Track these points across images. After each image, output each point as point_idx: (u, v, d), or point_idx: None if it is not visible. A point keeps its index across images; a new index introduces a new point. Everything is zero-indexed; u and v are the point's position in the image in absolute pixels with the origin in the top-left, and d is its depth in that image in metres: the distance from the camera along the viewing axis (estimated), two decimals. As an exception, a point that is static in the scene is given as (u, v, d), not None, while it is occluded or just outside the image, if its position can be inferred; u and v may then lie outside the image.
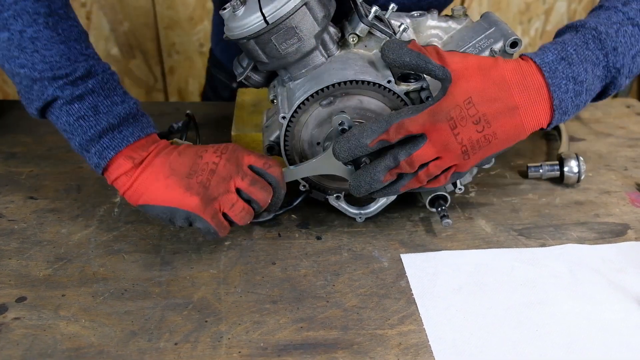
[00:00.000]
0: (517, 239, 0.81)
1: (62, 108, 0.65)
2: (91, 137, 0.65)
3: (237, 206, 0.69)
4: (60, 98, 0.64)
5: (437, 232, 0.82)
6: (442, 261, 0.76)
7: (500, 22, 0.79)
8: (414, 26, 0.81)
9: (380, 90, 0.70)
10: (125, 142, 0.66)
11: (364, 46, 0.75)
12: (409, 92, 0.71)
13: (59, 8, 0.64)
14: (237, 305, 0.67)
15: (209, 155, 0.69)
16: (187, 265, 0.73)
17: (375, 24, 0.72)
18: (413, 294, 0.70)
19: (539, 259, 0.77)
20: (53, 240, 0.76)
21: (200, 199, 0.66)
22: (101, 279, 0.70)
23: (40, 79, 0.64)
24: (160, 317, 0.65)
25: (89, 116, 0.65)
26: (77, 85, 0.64)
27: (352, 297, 0.69)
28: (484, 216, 0.85)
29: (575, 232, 0.83)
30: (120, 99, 0.67)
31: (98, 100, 0.65)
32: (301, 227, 0.81)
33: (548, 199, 0.90)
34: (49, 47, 0.63)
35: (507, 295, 0.71)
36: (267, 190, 0.71)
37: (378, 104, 0.71)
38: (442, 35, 0.82)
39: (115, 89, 0.67)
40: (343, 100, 0.70)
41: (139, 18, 1.88)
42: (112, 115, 0.65)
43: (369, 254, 0.77)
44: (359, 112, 0.71)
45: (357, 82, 0.69)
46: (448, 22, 0.82)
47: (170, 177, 0.66)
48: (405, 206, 0.86)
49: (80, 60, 0.64)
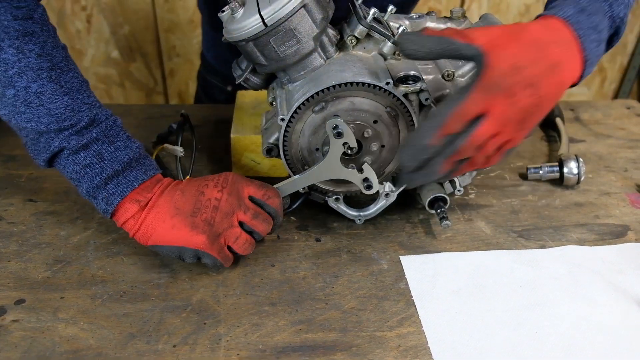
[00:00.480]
0: (517, 241, 0.81)
1: (68, 158, 0.66)
2: (97, 185, 0.66)
3: (240, 239, 0.70)
4: (67, 148, 0.65)
5: (437, 233, 0.81)
6: (442, 263, 0.76)
7: (498, 23, 0.79)
8: (413, 28, 0.81)
9: (375, 91, 0.69)
10: (130, 187, 0.67)
11: (362, 48, 0.75)
12: (407, 93, 0.71)
13: (59, 61, 0.66)
14: (235, 307, 0.67)
15: (210, 190, 0.69)
16: (186, 267, 0.73)
17: (373, 25, 0.72)
18: (412, 296, 0.70)
19: (539, 261, 0.77)
20: (52, 243, 0.76)
21: (207, 237, 0.67)
22: (100, 281, 0.70)
23: (47, 131, 0.64)
24: (158, 320, 0.65)
25: (95, 164, 0.66)
26: (82, 135, 0.65)
27: (351, 299, 0.69)
28: (484, 218, 0.85)
29: (575, 234, 0.82)
30: (124, 144, 0.68)
31: (102, 148, 0.66)
32: (300, 229, 0.81)
33: (548, 200, 0.90)
34: (53, 100, 0.64)
35: (507, 297, 0.71)
36: (268, 222, 0.72)
37: (371, 103, 0.71)
38: (441, 37, 0.82)
39: (119, 134, 0.68)
40: (335, 104, 0.70)
41: (139, 21, 1.88)
42: (117, 162, 0.66)
43: (368, 256, 0.77)
44: (352, 114, 0.71)
45: (356, 84, 0.69)
46: (447, 24, 0.82)
47: (175, 216, 0.67)
48: (405, 208, 0.86)
49: (83, 110, 0.66)
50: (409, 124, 0.73)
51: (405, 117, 0.73)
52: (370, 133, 0.72)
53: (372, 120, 0.72)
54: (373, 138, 0.73)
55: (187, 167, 0.90)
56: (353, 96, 0.70)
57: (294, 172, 0.76)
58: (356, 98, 0.70)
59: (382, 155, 0.75)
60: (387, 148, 0.75)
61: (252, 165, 0.92)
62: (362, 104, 0.71)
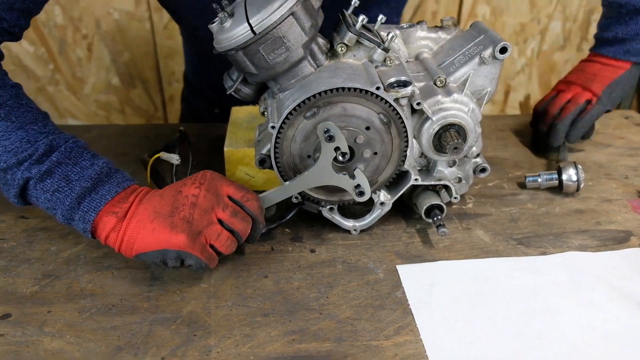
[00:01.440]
0: (517, 248, 0.79)
1: (36, 187, 0.66)
2: (70, 206, 0.66)
3: (222, 236, 0.68)
4: (31, 178, 0.66)
5: (434, 242, 0.80)
6: (440, 271, 0.74)
7: (489, 30, 0.79)
8: (404, 37, 0.82)
9: (366, 96, 0.69)
10: (104, 201, 0.66)
11: (352, 56, 0.75)
12: (398, 98, 0.71)
13: (7, 99, 0.68)
14: (227, 318, 0.65)
15: (188, 188, 0.68)
16: (177, 279, 0.71)
17: (362, 32, 0.72)
18: (409, 305, 0.68)
19: (539, 267, 0.75)
20: (42, 258, 0.75)
21: (187, 236, 0.65)
22: (89, 295, 0.68)
23: (8, 167, 0.66)
24: (147, 332, 0.63)
25: (63, 187, 0.66)
26: (42, 162, 0.66)
27: (346, 309, 0.67)
28: (482, 226, 0.83)
29: (577, 240, 0.80)
30: (89, 163, 0.68)
31: (67, 170, 0.66)
32: (295, 240, 0.80)
33: (547, 208, 0.88)
34: (7, 136, 0.66)
35: (507, 304, 0.68)
36: (247, 221, 0.70)
37: (362, 109, 0.70)
38: (432, 46, 0.83)
39: (82, 154, 0.68)
40: (326, 109, 0.70)
41: (140, 48, 1.91)
42: (84, 179, 0.66)
43: (364, 266, 0.75)
44: (344, 120, 0.70)
45: (347, 90, 0.68)
46: (438, 33, 0.83)
47: (155, 220, 0.66)
48: (401, 218, 0.85)
49: (40, 139, 0.66)
50: (401, 130, 0.72)
51: (397, 124, 0.72)
52: (362, 139, 0.71)
53: (364, 127, 0.71)
54: (365, 145, 0.72)
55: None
56: (344, 102, 0.70)
57: (286, 181, 0.75)
58: (348, 104, 0.70)
59: (375, 162, 0.74)
60: (380, 155, 0.74)
61: (247, 179, 0.91)
62: (354, 109, 0.70)
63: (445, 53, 0.80)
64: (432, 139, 0.75)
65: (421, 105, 0.72)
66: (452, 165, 0.81)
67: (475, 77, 0.77)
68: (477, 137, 0.78)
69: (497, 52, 0.75)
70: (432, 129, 0.75)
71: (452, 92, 0.75)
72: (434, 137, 0.75)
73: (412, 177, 0.77)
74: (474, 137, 0.76)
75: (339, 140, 0.68)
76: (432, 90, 0.75)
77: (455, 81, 0.77)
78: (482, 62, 0.76)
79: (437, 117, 0.74)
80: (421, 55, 0.82)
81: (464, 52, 0.78)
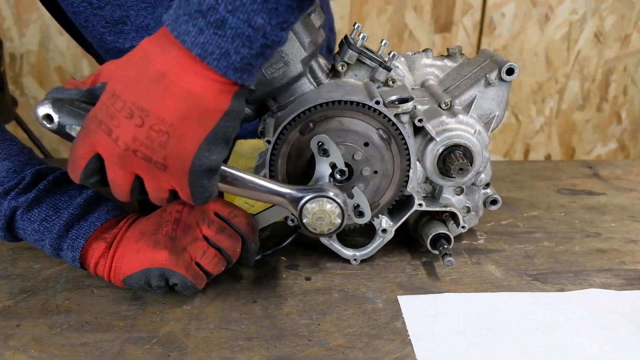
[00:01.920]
0: (532, 284, 0.72)
1: (23, 218, 0.63)
2: (58, 234, 0.62)
3: (208, 254, 0.63)
4: (18, 208, 0.63)
5: (440, 275, 0.74)
6: (445, 303, 0.67)
7: (496, 55, 0.77)
8: (409, 64, 0.80)
9: (364, 110, 0.66)
10: (93, 227, 0.63)
11: (354, 75, 0.73)
12: (399, 114, 0.68)
13: None
14: (206, 340, 0.60)
15: (172, 205, 0.65)
16: (159, 300, 0.66)
17: (363, 50, 0.71)
18: (409, 335, 0.61)
19: (557, 303, 0.67)
20: (22, 275, 0.71)
21: (169, 252, 0.61)
22: (63, 311, 0.64)
23: None
24: (118, 351, 0.58)
25: (51, 215, 0.63)
26: (30, 191, 0.63)
27: (339, 337, 0.61)
28: (494, 262, 0.77)
29: (599, 279, 0.73)
30: (78, 192, 0.65)
31: (55, 199, 0.64)
32: (290, 268, 0.75)
33: (566, 246, 0.82)
34: None
35: (520, 339, 0.61)
36: (236, 239, 0.65)
37: (360, 124, 0.67)
38: (438, 74, 0.81)
39: (70, 184, 0.65)
40: (322, 124, 0.67)
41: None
42: (73, 207, 0.63)
43: (362, 295, 0.69)
44: (341, 135, 0.67)
45: (344, 103, 0.66)
46: (444, 61, 0.81)
47: (140, 240, 0.63)
48: (406, 251, 0.79)
49: (26, 169, 0.64)
50: (402, 147, 0.69)
51: (398, 141, 0.69)
52: (360, 156, 0.68)
53: (362, 143, 0.68)
54: (364, 162, 0.68)
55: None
56: (342, 116, 0.67)
57: (282, 202, 0.72)
58: (345, 118, 0.67)
59: (376, 182, 0.70)
60: (381, 174, 0.70)
61: (246, 207, 0.87)
62: (351, 124, 0.67)
63: (451, 79, 0.78)
64: (437, 161, 0.72)
65: (423, 123, 0.69)
66: (460, 194, 0.76)
67: (482, 100, 0.74)
68: (485, 162, 0.73)
69: (504, 73, 0.73)
70: (437, 150, 0.71)
71: (458, 113, 0.72)
72: (438, 159, 0.71)
73: (416, 201, 0.73)
74: (481, 160, 0.72)
75: (333, 154, 0.65)
76: (437, 112, 0.72)
77: (461, 104, 0.74)
78: (489, 84, 0.73)
79: (441, 137, 0.71)
80: (427, 82, 0.80)
81: (470, 75, 0.76)
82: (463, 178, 0.73)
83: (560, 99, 1.99)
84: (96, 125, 0.52)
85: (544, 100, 2.00)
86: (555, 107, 2.00)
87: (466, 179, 0.73)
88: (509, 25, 1.94)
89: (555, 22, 1.95)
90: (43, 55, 1.89)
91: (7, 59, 1.89)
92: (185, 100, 0.51)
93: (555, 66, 1.97)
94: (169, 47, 0.51)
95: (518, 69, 0.73)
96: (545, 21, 1.96)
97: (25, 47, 1.88)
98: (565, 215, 0.92)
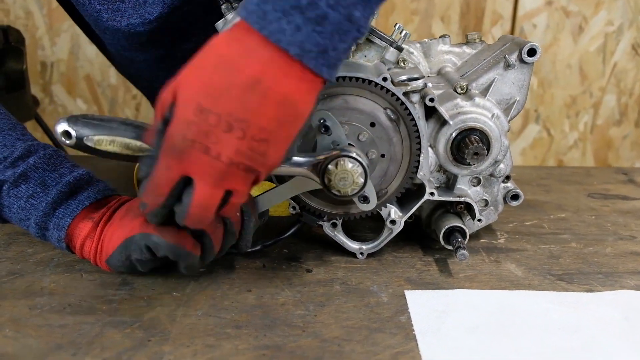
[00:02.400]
0: (556, 284, 0.65)
1: (9, 194, 0.59)
2: (45, 211, 0.59)
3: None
4: (5, 182, 0.60)
5: (454, 272, 0.67)
6: (456, 299, 0.61)
7: (516, 38, 0.72)
8: (424, 50, 0.76)
9: (371, 87, 0.62)
10: (81, 206, 0.60)
11: (363, 56, 0.69)
12: (408, 92, 0.63)
13: None
14: (191, 327, 0.55)
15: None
16: (148, 286, 0.62)
17: (373, 29, 0.67)
18: (414, 330, 0.55)
19: (584, 303, 0.60)
20: (13, 258, 0.68)
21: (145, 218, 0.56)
22: (47, 294, 0.60)
23: None
24: (96, 333, 0.54)
25: (38, 192, 0.60)
26: (18, 165, 0.60)
27: (336, 329, 0.56)
28: (514, 260, 0.71)
29: (633, 281, 0.66)
30: (69, 170, 0.62)
31: (44, 175, 0.60)
32: (291, 260, 0.70)
33: (596, 248, 0.74)
34: None
35: (540, 338, 0.54)
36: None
37: (366, 103, 0.63)
38: (455, 61, 0.76)
39: (62, 162, 0.62)
40: (326, 102, 0.63)
41: (184, 109, 1.96)
42: (62, 185, 0.60)
43: (366, 289, 0.63)
44: (345, 114, 0.63)
45: (349, 80, 0.62)
46: (462, 48, 0.76)
47: (124, 217, 0.59)
48: (418, 247, 0.74)
49: (17, 145, 0.61)
50: (412, 129, 0.64)
51: (407, 122, 0.64)
52: (366, 137, 0.63)
53: (368, 123, 0.63)
54: (370, 144, 0.64)
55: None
56: (346, 94, 0.63)
57: (283, 187, 0.67)
58: (350, 96, 0.63)
59: (383, 167, 0.65)
60: (388, 158, 0.65)
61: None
62: (357, 102, 0.63)
63: (469, 65, 0.73)
64: (450, 147, 0.66)
65: (435, 103, 0.64)
66: (477, 185, 0.71)
67: (501, 83, 0.69)
68: (504, 150, 0.68)
69: (525, 54, 0.68)
70: (450, 134, 0.66)
71: (474, 96, 0.67)
72: (452, 144, 0.66)
73: (427, 190, 0.67)
74: (499, 147, 0.67)
75: (335, 132, 0.60)
76: (451, 95, 0.67)
77: (478, 88, 0.69)
78: (508, 65, 0.68)
79: (455, 120, 0.66)
80: (443, 70, 0.75)
81: (489, 59, 0.71)
82: (479, 166, 0.67)
83: (595, 114, 1.90)
84: (187, 146, 0.48)
85: (577, 115, 1.91)
86: (590, 121, 1.91)
87: (483, 167, 0.67)
88: (540, 36, 1.88)
89: (590, 33, 1.88)
90: (72, 64, 1.93)
91: (39, 67, 1.93)
92: (283, 106, 0.48)
93: (590, 79, 1.88)
94: (257, 48, 0.47)
95: (541, 51, 0.67)
96: (579, 32, 1.88)
97: (55, 55, 1.92)
98: (596, 218, 0.85)
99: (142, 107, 1.98)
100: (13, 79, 1.17)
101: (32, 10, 1.89)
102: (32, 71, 1.91)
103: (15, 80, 1.17)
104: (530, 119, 2.09)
